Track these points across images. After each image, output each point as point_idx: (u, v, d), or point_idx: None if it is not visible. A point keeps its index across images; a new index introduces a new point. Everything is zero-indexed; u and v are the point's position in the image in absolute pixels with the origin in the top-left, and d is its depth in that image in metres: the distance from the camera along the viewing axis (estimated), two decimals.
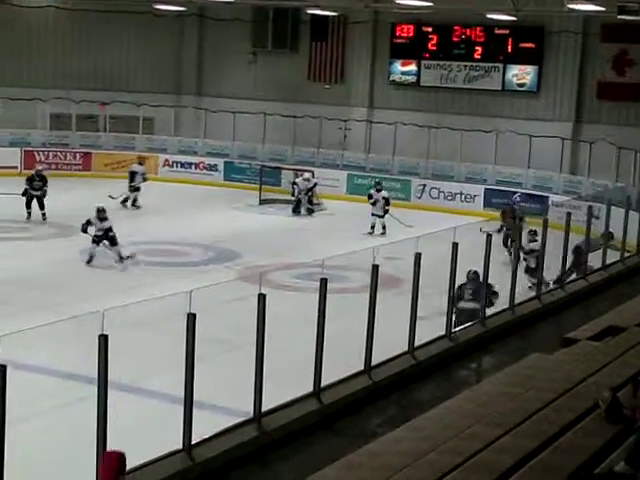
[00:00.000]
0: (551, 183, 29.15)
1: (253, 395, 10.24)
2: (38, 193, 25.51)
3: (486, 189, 29.87)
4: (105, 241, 21.19)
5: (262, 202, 29.68)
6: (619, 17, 23.36)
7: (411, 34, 32.95)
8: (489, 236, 14.60)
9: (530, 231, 19.58)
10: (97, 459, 8.43)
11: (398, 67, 33.38)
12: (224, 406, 11.41)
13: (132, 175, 28.52)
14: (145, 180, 28.71)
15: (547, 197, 27.19)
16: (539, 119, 30.66)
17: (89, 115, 35.32)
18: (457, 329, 14.47)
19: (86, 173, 33.87)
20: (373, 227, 25.76)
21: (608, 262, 19.76)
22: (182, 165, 34.72)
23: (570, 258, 18.70)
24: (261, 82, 35.63)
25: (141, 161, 29.87)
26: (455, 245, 13.63)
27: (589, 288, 18.15)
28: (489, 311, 15.39)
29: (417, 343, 13.27)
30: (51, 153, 34.27)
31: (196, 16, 36.25)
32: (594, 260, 19.16)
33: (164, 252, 22.47)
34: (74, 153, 34.52)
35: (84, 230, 21.24)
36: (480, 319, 14.82)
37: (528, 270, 18.44)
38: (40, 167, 27.62)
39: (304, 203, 28.70)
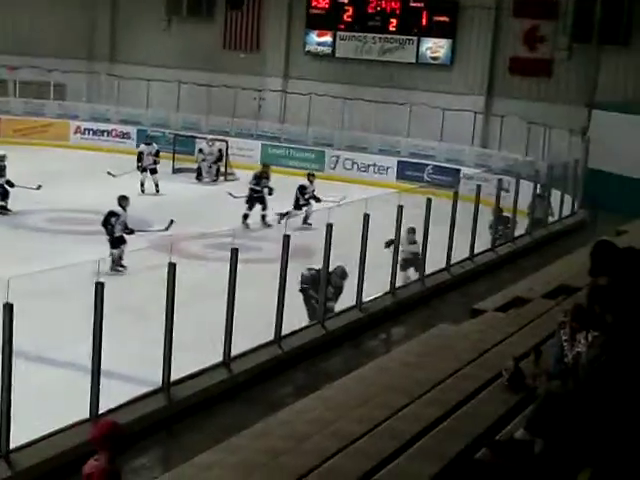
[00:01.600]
0: (463, 156, 29.45)
1: (162, 364, 10.25)
2: None
3: (399, 161, 30.05)
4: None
5: (175, 171, 29.43)
6: None
7: (327, 5, 32.88)
8: (400, 207, 14.76)
9: (409, 229, 16.52)
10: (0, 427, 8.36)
11: (314, 38, 33.31)
12: (133, 376, 11.35)
13: (139, 156, 26.70)
14: (156, 162, 26.62)
15: (459, 170, 27.50)
16: (452, 92, 30.88)
17: None
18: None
19: None
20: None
21: (516, 235, 20.16)
22: (94, 132, 34.19)
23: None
24: (176, 50, 35.21)
25: (149, 141, 27.81)
26: (366, 216, 13.76)
27: (497, 260, 18.49)
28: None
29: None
30: None
31: None
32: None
33: (73, 220, 22.14)
34: None
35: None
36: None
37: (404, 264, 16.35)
38: None
39: (206, 170, 28.54)
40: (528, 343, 9.58)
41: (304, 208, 22.56)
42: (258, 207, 22.82)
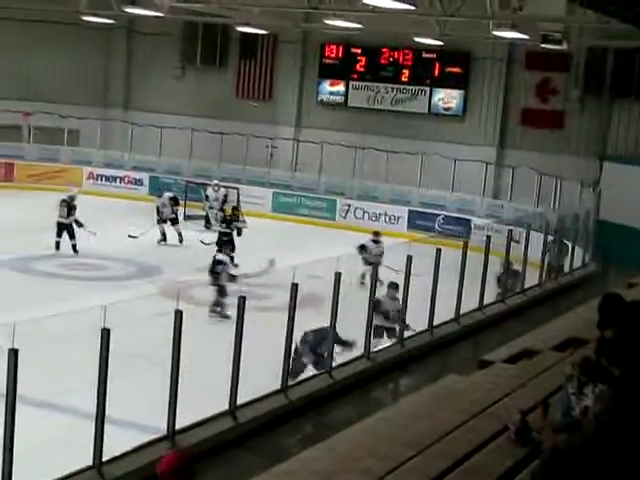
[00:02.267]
0: (474, 206, 29.49)
1: (167, 412, 10.19)
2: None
3: (410, 211, 30.10)
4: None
5: (187, 218, 29.47)
6: (542, 46, 23.78)
7: (340, 55, 33.16)
8: (410, 257, 14.71)
9: (391, 284, 15.56)
10: (2, 475, 8.29)
11: (326, 87, 33.54)
12: (138, 423, 11.29)
13: (158, 209, 26.22)
14: (175, 212, 26.32)
15: (469, 220, 27.50)
16: (463, 143, 31.01)
17: (12, 125, 34.81)
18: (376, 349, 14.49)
19: (8, 184, 33.35)
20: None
21: (526, 286, 20.08)
22: (107, 179, 34.39)
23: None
24: (189, 97, 35.52)
25: (160, 193, 27.32)
26: (376, 266, 13.75)
27: (507, 311, 18.42)
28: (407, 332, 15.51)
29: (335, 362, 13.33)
30: None
31: (125, 29, 36.07)
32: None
33: (85, 266, 22.21)
34: None
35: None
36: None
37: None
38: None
39: (213, 216, 28.37)
40: (536, 396, 9.50)
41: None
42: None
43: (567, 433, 7.12)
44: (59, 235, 23.64)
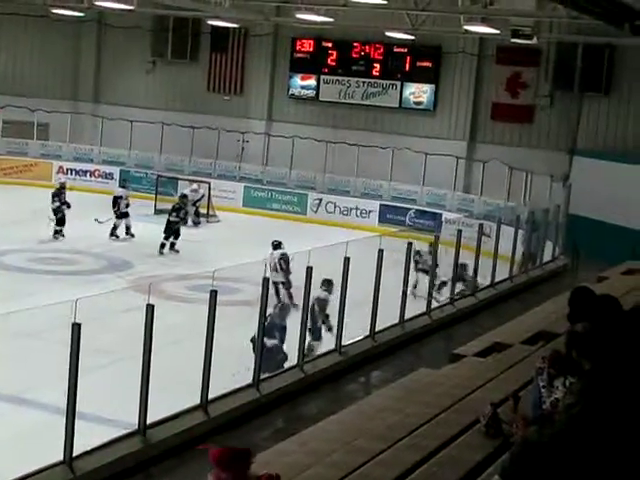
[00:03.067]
0: (445, 201, 29.59)
1: (138, 406, 10.16)
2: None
3: (381, 205, 30.15)
4: None
5: (157, 212, 29.37)
6: (512, 40, 23.88)
7: (311, 49, 33.12)
8: (381, 251, 14.75)
9: (324, 281, 15.34)
10: None
11: (297, 81, 33.50)
12: (109, 418, 11.25)
13: (115, 200, 26.27)
14: (128, 206, 26.28)
15: (440, 214, 27.58)
16: (435, 137, 31.10)
17: None
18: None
19: None
20: None
21: (497, 280, 20.17)
22: (77, 172, 34.19)
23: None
24: (160, 91, 35.38)
25: (124, 184, 27.85)
26: (347, 259, 13.75)
27: (478, 305, 18.49)
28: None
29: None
30: None
31: (95, 22, 35.84)
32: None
33: (55, 260, 22.10)
34: None
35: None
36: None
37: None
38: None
39: (190, 214, 28.36)
40: (507, 389, 9.53)
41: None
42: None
43: (537, 425, 7.16)
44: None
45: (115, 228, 25.63)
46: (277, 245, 19.71)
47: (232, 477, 5.83)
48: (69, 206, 24.78)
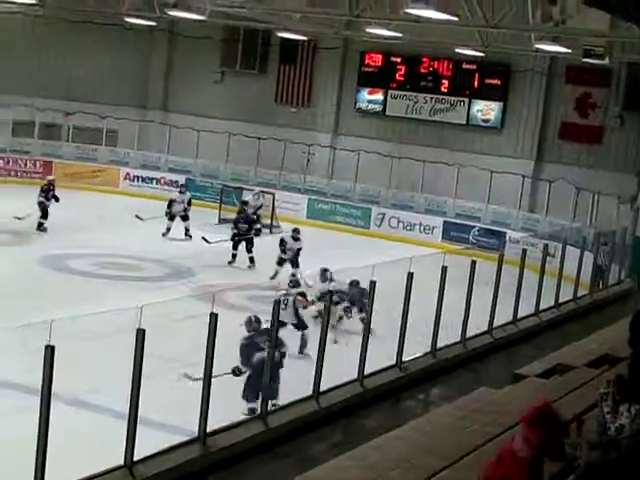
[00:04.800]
0: (509, 219, 29.36)
1: (199, 414, 10.20)
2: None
3: (445, 221, 30.02)
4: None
5: (221, 221, 29.54)
6: (583, 60, 23.64)
7: (379, 63, 33.14)
8: (444, 268, 14.66)
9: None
10: (35, 471, 8.32)
11: (365, 95, 33.53)
12: (170, 424, 11.32)
13: (170, 203, 26.87)
14: (186, 210, 26.79)
15: (505, 233, 27.38)
16: (501, 155, 30.90)
17: (52, 124, 35.11)
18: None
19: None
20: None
21: (561, 301, 19.96)
22: (143, 179, 34.58)
23: None
24: (227, 101, 35.62)
25: (182, 189, 28.11)
26: (410, 275, 13.70)
27: (541, 325, 18.31)
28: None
29: (368, 371, 13.30)
30: (11, 160, 34.01)
31: (166, 31, 36.26)
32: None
33: (121, 266, 22.31)
34: (34, 161, 34.26)
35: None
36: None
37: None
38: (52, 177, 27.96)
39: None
40: (570, 411, 9.40)
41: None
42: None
43: (602, 450, 7.07)
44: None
45: (168, 230, 26.30)
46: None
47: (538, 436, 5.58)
48: (57, 199, 25.71)
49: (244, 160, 33.43)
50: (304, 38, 32.09)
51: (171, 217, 26.68)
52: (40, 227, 25.42)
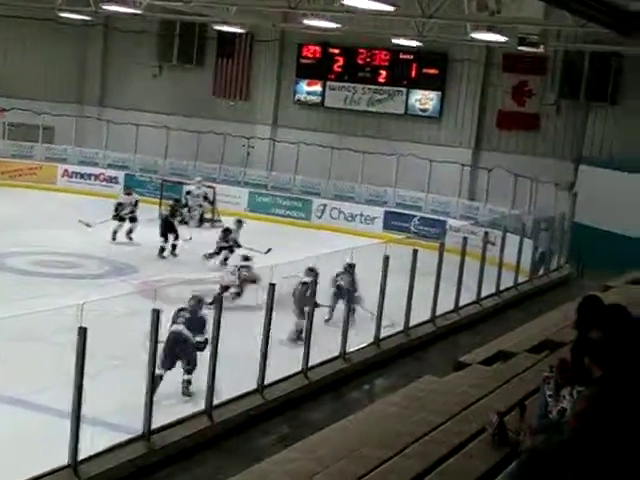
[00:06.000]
0: (449, 208, 29.53)
1: (143, 412, 10.14)
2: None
3: (386, 211, 30.13)
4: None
5: (161, 216, 29.29)
6: (519, 48, 23.85)
7: (317, 55, 33.12)
8: (387, 258, 14.71)
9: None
10: None
11: (303, 87, 33.49)
12: (113, 422, 11.22)
13: (117, 206, 26.23)
14: (133, 212, 26.23)
15: (445, 221, 27.55)
16: (440, 144, 31.07)
17: None
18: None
19: None
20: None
21: (502, 288, 20.13)
22: (82, 176, 34.17)
23: None
24: (165, 96, 35.35)
25: (129, 191, 27.54)
26: (352, 266, 13.75)
27: (482, 313, 18.45)
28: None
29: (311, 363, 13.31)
30: None
31: (101, 26, 35.87)
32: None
33: (59, 263, 22.05)
34: None
35: None
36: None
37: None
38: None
39: (191, 215, 28.39)
40: (512, 398, 9.50)
41: (223, 252, 22.75)
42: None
43: (544, 434, 7.13)
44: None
45: (115, 232, 25.64)
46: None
47: None
48: None
49: (184, 154, 33.23)
50: (241, 31, 31.94)
51: (120, 219, 26.06)
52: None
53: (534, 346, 12.73)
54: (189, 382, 12.55)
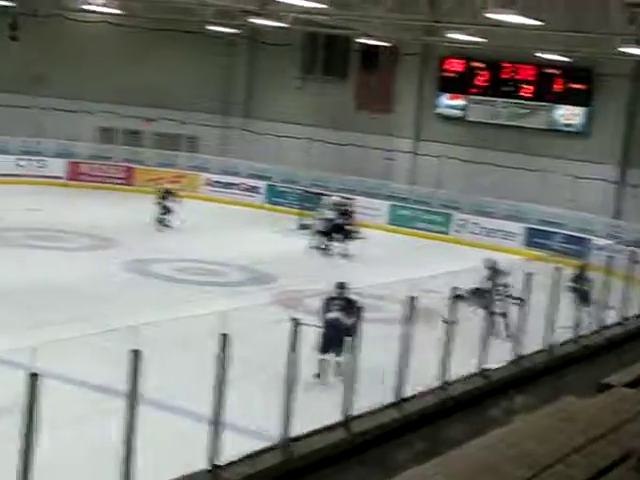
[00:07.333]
0: (593, 226, 28.90)
1: (281, 420, 10.19)
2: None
3: (527, 228, 29.68)
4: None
5: (301, 227, 29.62)
6: None
7: (460, 69, 32.96)
8: (529, 275, 14.48)
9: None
10: (121, 474, 8.39)
11: (445, 101, 33.36)
12: (251, 429, 11.34)
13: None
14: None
15: (589, 240, 26.96)
16: (585, 161, 30.45)
17: (134, 130, 35.61)
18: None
19: (128, 187, 34.12)
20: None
21: None
22: (224, 185, 34.84)
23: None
24: (308, 108, 35.74)
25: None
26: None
27: (628, 333, 17.97)
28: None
29: (451, 378, 13.17)
30: (95, 166, 34.60)
31: (247, 39, 36.52)
32: None
33: (202, 271, 22.50)
34: (117, 167, 34.79)
35: None
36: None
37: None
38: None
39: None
40: None
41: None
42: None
43: None
44: None
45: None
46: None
47: None
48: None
49: (325, 166, 33.49)
50: (384, 44, 32.03)
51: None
52: (162, 222, 27.01)
53: None
54: (339, 364, 13.81)
